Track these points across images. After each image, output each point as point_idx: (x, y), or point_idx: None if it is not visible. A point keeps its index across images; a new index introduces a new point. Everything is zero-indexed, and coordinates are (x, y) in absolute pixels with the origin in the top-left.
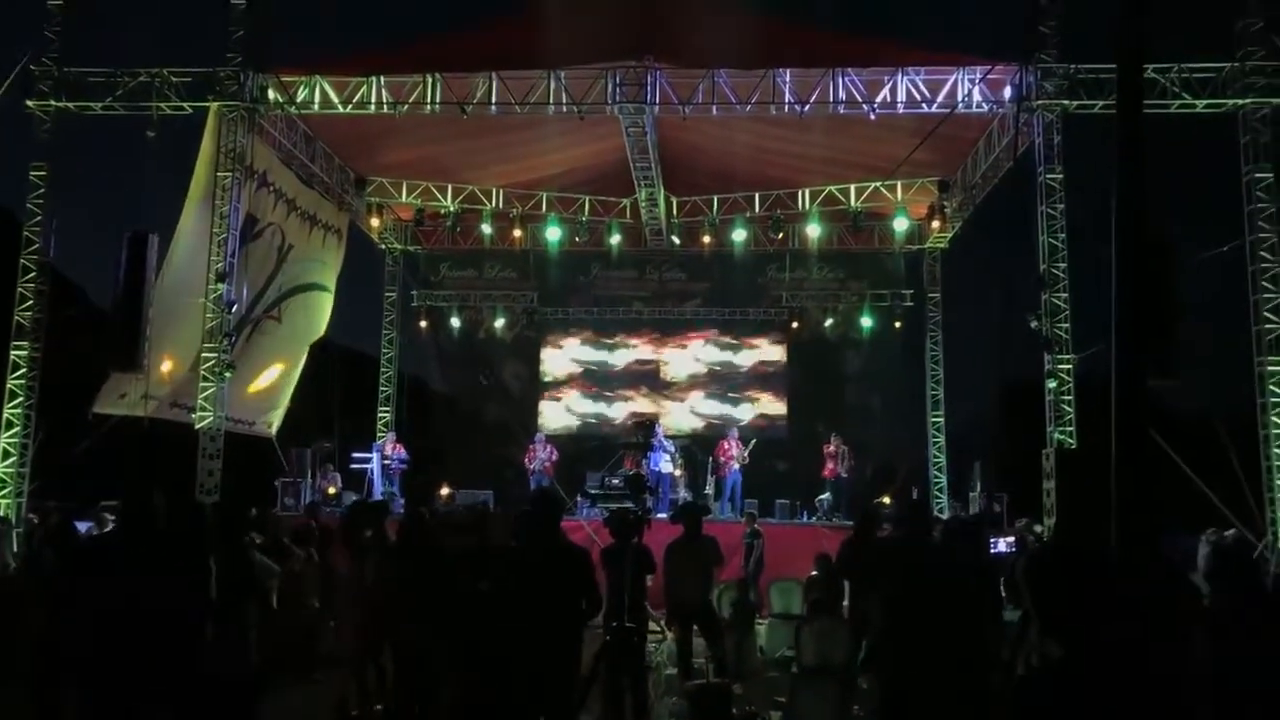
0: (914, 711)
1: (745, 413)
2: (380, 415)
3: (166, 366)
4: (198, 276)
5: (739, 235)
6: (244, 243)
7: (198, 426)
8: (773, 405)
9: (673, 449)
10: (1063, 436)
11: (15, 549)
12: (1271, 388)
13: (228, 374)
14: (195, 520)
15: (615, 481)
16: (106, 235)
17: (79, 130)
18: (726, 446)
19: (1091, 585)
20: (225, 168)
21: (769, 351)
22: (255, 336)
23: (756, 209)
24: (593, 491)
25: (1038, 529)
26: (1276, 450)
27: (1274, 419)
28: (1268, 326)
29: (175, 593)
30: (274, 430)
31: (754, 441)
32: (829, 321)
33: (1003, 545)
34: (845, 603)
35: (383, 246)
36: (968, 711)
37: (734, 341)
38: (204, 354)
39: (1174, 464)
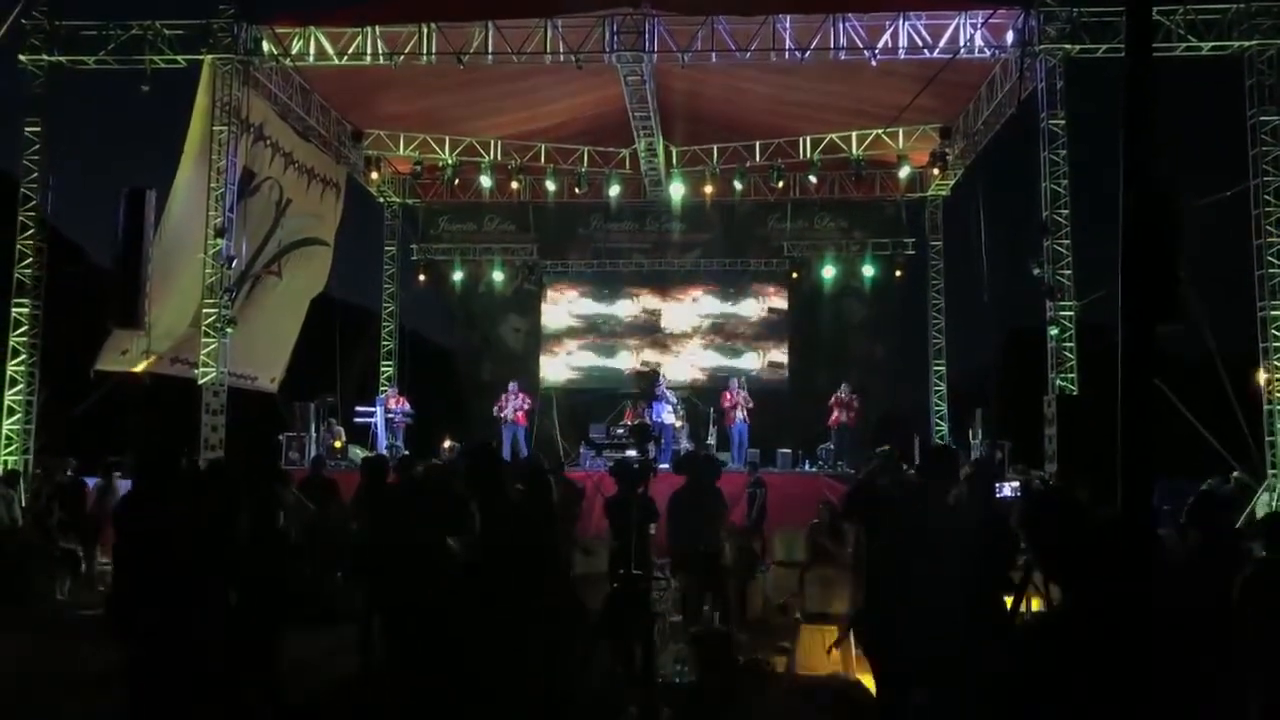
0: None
1: (747, 363)
2: (383, 369)
3: (167, 322)
4: (196, 232)
5: (739, 185)
6: (241, 197)
7: (200, 382)
8: (774, 355)
9: (674, 400)
10: (1064, 383)
11: (23, 503)
12: (1274, 332)
13: (229, 329)
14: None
15: (620, 431)
16: (104, 192)
17: (74, 85)
18: (730, 396)
19: (1090, 532)
20: (220, 121)
21: (770, 302)
22: (255, 292)
23: (757, 158)
24: (598, 441)
25: (1040, 474)
26: (1279, 395)
27: (1276, 364)
28: (1271, 271)
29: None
30: (276, 385)
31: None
32: (831, 271)
33: (1008, 490)
34: (850, 549)
35: (381, 200)
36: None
37: (735, 292)
38: (204, 309)
39: (1176, 408)
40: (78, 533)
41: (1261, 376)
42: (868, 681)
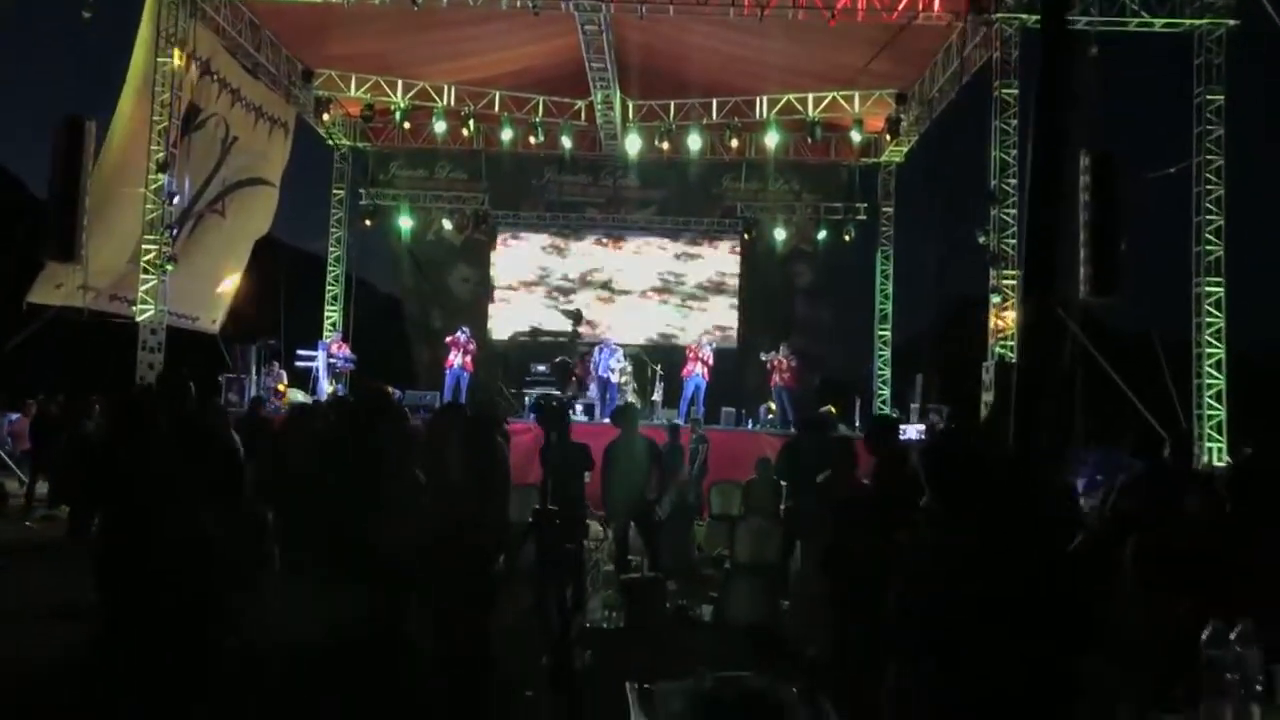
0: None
1: (696, 322)
2: (328, 315)
3: (105, 258)
4: (137, 166)
5: (695, 142)
6: (185, 132)
7: (138, 319)
8: (724, 315)
9: (621, 355)
10: (1004, 350)
11: None
12: (1208, 308)
13: (169, 267)
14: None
15: (541, 369)
16: (47, 125)
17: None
18: (694, 350)
19: (983, 471)
20: (165, 53)
21: (722, 261)
22: (198, 231)
23: (714, 116)
24: (526, 380)
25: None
26: (1208, 369)
27: (1208, 339)
28: (1208, 248)
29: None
30: (218, 326)
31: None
32: (782, 233)
33: (912, 433)
34: (783, 505)
35: (330, 143)
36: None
37: (687, 250)
38: (144, 246)
39: (1111, 379)
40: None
41: None
42: (790, 628)
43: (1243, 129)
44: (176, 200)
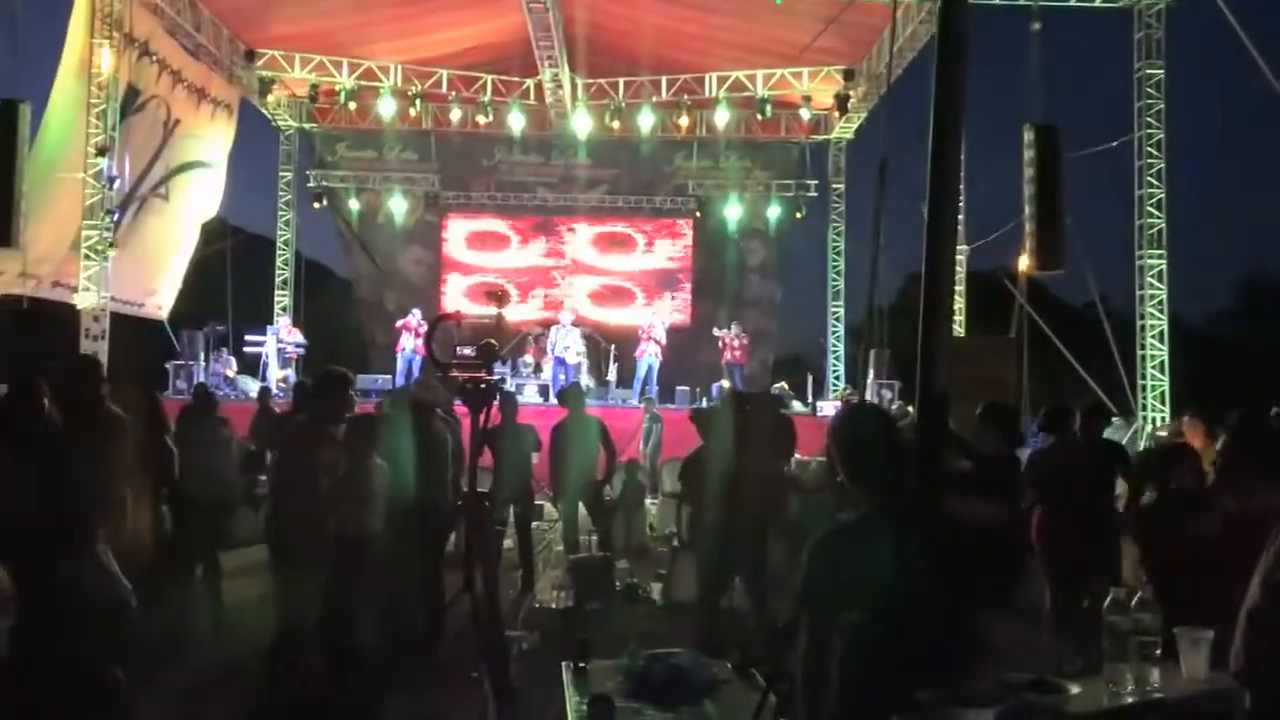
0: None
1: (649, 302)
2: (278, 299)
3: (46, 244)
4: (76, 150)
5: (646, 121)
6: (125, 116)
7: (80, 306)
8: (677, 294)
9: (578, 335)
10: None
11: None
12: (1150, 280)
13: (110, 252)
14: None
15: (467, 351)
16: None
17: None
18: (645, 330)
19: (894, 441)
20: (101, 34)
21: (674, 240)
22: (142, 215)
23: (664, 94)
24: (452, 363)
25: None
26: (1151, 340)
27: (1151, 310)
28: (1150, 221)
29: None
30: (165, 312)
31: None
32: (735, 211)
33: (829, 409)
34: None
35: (276, 124)
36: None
37: (640, 229)
38: (85, 232)
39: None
40: None
41: None
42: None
43: (1185, 100)
44: (117, 185)
